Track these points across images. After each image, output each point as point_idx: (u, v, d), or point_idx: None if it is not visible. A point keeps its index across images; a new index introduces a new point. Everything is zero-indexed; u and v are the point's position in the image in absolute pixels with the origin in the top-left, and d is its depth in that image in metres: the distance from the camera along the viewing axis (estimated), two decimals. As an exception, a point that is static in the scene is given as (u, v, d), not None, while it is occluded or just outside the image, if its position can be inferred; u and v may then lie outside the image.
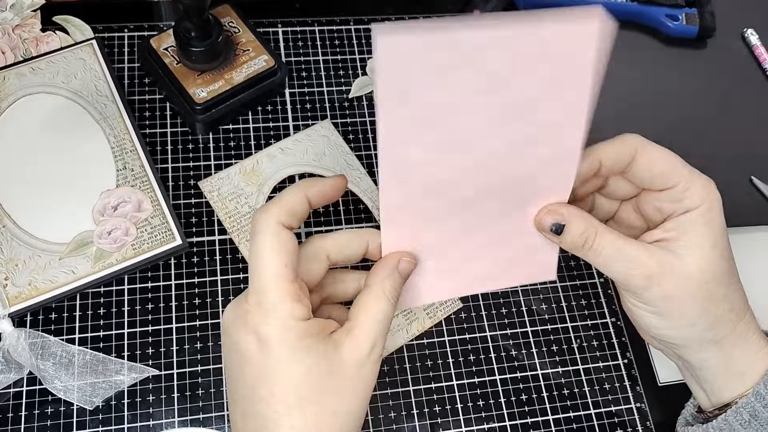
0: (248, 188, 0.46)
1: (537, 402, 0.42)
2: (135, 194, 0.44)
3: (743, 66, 0.59)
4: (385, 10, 0.55)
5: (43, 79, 0.46)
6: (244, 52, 0.47)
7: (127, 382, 0.39)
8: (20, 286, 0.40)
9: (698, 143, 0.54)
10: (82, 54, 0.48)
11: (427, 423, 0.41)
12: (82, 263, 0.41)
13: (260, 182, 0.46)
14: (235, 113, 0.48)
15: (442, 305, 0.44)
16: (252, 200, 0.45)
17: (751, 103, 0.56)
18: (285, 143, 0.48)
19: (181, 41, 0.44)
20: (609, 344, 0.45)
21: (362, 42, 0.53)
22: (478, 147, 0.30)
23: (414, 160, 0.29)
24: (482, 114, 0.29)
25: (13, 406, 0.39)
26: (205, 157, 0.47)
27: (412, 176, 0.30)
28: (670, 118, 0.55)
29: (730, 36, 0.60)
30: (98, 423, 0.39)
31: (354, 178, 0.47)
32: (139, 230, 0.43)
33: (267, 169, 0.46)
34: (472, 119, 0.29)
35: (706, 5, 0.58)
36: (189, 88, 0.45)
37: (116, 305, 0.42)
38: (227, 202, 0.45)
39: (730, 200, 0.52)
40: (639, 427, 0.43)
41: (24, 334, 0.39)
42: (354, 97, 0.51)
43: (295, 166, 0.47)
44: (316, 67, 0.52)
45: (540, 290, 0.46)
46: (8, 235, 0.42)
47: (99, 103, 0.46)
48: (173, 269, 0.43)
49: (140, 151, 0.45)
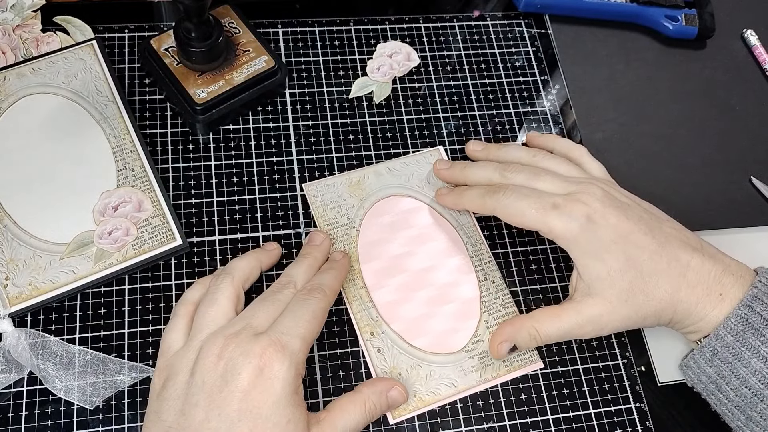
0: (350, 200, 0.46)
1: (537, 402, 0.42)
2: (135, 194, 0.44)
3: (743, 66, 0.59)
4: (385, 10, 0.55)
5: (44, 79, 0.46)
6: (245, 53, 0.47)
7: (127, 381, 0.39)
8: (20, 286, 0.40)
9: (698, 143, 0.54)
10: (83, 54, 0.48)
11: (427, 423, 0.41)
12: (83, 263, 0.41)
13: (363, 196, 0.46)
14: (236, 113, 0.48)
15: (520, 356, 0.43)
16: (352, 213, 0.46)
17: (751, 104, 0.57)
18: (393, 164, 0.48)
19: (181, 42, 0.44)
20: (609, 344, 0.45)
21: (362, 42, 0.53)
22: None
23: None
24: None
25: (14, 406, 0.39)
26: (205, 157, 0.47)
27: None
28: (670, 118, 0.55)
29: (729, 37, 0.60)
30: (98, 423, 0.39)
31: (453, 211, 0.47)
32: (139, 230, 0.43)
33: (372, 185, 0.47)
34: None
35: (706, 6, 0.58)
36: (189, 88, 0.45)
37: (116, 305, 0.42)
38: (329, 209, 0.46)
39: (730, 200, 0.52)
40: (639, 427, 0.43)
41: (24, 334, 0.39)
42: (354, 98, 0.51)
43: (397, 188, 0.47)
44: (316, 68, 0.52)
45: (540, 290, 0.46)
46: (9, 235, 0.42)
47: (99, 104, 0.46)
48: (173, 269, 0.43)
49: (140, 151, 0.45)
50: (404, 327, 0.43)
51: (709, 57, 0.58)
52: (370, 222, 0.46)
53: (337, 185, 0.47)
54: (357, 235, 0.45)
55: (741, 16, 0.61)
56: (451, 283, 0.45)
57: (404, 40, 0.54)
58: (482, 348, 0.43)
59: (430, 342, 0.43)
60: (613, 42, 0.58)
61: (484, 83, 0.53)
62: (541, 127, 0.52)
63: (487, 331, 0.43)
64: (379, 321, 0.43)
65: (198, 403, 0.33)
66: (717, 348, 0.38)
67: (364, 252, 0.45)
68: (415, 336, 0.43)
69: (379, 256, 0.45)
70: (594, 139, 0.53)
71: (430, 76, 0.53)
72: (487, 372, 0.42)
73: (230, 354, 0.34)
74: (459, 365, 0.42)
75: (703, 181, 0.52)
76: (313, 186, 0.47)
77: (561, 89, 0.54)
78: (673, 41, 0.58)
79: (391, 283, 0.44)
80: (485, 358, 0.43)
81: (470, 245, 0.46)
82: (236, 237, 0.45)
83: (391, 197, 0.47)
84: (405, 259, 0.45)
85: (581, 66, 0.56)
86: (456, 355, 0.42)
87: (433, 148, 0.49)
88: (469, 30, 0.56)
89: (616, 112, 0.54)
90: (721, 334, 0.38)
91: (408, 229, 0.46)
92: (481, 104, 0.52)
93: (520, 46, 0.55)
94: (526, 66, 0.55)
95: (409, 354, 0.42)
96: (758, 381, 0.36)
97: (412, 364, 0.42)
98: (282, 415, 0.33)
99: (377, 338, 0.42)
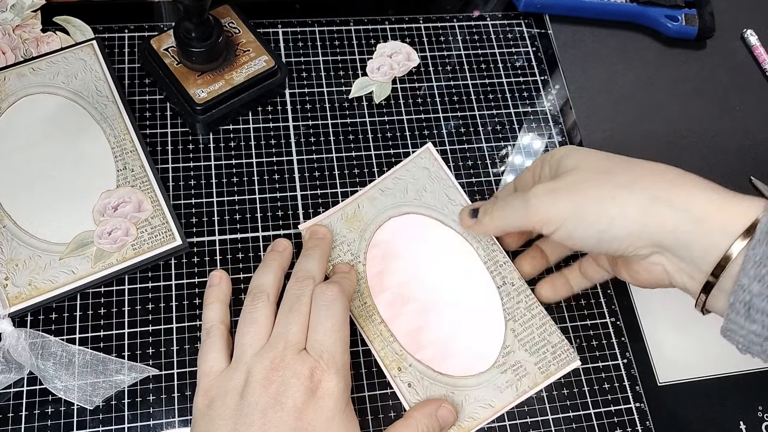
0: (350, 235, 0.44)
1: (537, 402, 0.42)
2: (135, 194, 0.44)
3: (743, 66, 0.59)
4: (385, 10, 0.55)
5: (44, 79, 0.46)
6: (245, 53, 0.47)
7: (127, 381, 0.39)
8: (20, 286, 0.40)
9: (698, 143, 0.54)
10: (83, 54, 0.48)
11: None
12: (82, 263, 0.41)
13: (362, 228, 0.45)
14: (236, 113, 0.48)
15: (555, 359, 0.42)
16: (354, 247, 0.44)
17: (751, 104, 0.57)
18: (385, 183, 0.46)
19: (181, 42, 0.44)
20: (609, 344, 0.45)
21: (362, 42, 0.53)
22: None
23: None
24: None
25: (13, 406, 0.39)
26: (205, 157, 0.47)
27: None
28: (670, 118, 0.55)
29: (729, 37, 0.60)
30: (98, 423, 0.39)
31: (454, 215, 0.45)
32: (139, 230, 0.43)
33: (368, 213, 0.45)
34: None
35: (706, 6, 0.58)
36: (189, 88, 0.45)
37: (116, 305, 0.42)
38: (330, 250, 0.44)
39: (730, 200, 0.52)
40: (639, 427, 0.43)
41: (24, 334, 0.39)
42: (354, 98, 0.51)
43: (395, 207, 0.46)
44: (316, 68, 0.52)
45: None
46: (8, 235, 0.42)
47: (99, 104, 0.46)
48: (173, 269, 0.43)
49: (140, 151, 0.45)
50: (430, 355, 0.41)
51: (709, 57, 0.58)
52: (374, 253, 0.44)
53: (334, 223, 0.45)
54: (365, 270, 0.43)
55: (741, 16, 0.61)
56: (468, 296, 0.43)
57: (404, 40, 0.54)
58: (514, 359, 0.42)
59: (459, 365, 0.41)
60: (613, 42, 0.58)
61: (484, 83, 0.53)
62: (541, 127, 0.52)
63: (516, 340, 0.42)
64: (404, 354, 0.41)
65: (253, 423, 0.34)
66: (747, 300, 0.32)
67: (374, 285, 0.43)
68: (442, 362, 0.41)
69: (390, 286, 0.43)
70: (594, 139, 0.53)
71: (430, 76, 0.53)
72: (523, 384, 0.41)
73: (281, 377, 0.35)
74: (493, 383, 0.41)
75: (703, 181, 0.52)
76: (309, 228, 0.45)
77: (561, 89, 0.54)
78: (673, 41, 0.58)
79: (408, 311, 0.43)
80: (519, 369, 0.42)
81: (482, 249, 0.44)
82: (236, 237, 0.45)
83: (390, 220, 0.45)
84: (416, 281, 0.43)
85: (581, 66, 0.56)
86: (488, 374, 0.41)
87: (423, 148, 0.48)
88: (469, 30, 0.56)
89: (616, 112, 0.54)
90: (744, 284, 0.32)
91: (414, 249, 0.44)
92: (481, 104, 0.52)
93: (520, 46, 0.55)
94: (526, 66, 0.55)
95: (441, 383, 0.41)
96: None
97: (445, 393, 0.41)
98: (336, 430, 0.34)
99: (405, 372, 0.41)
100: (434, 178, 0.47)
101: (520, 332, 0.42)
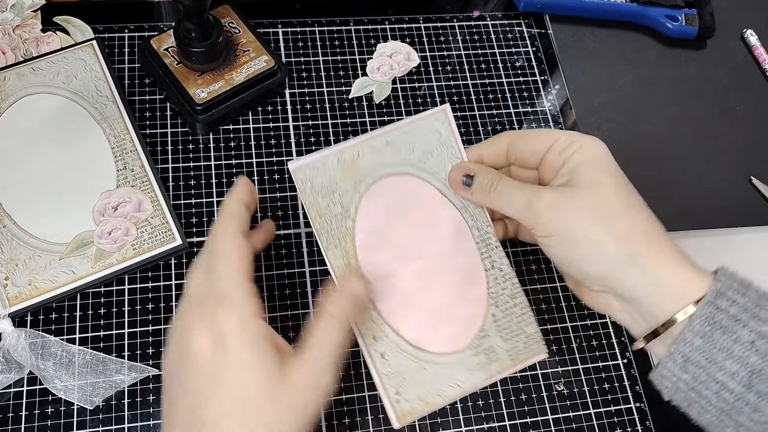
0: (343, 184, 0.40)
1: (537, 402, 0.42)
2: (135, 194, 0.44)
3: (743, 66, 0.59)
4: (385, 10, 0.55)
5: (44, 79, 0.46)
6: (245, 53, 0.47)
7: (127, 381, 0.39)
8: (20, 286, 0.40)
9: (698, 143, 0.54)
10: (83, 54, 0.48)
11: (427, 423, 0.41)
12: (82, 263, 0.41)
13: (358, 178, 0.40)
14: (236, 113, 0.48)
15: (526, 348, 0.41)
16: (346, 199, 0.40)
17: (751, 104, 0.57)
18: (393, 135, 0.41)
19: (181, 42, 0.44)
20: (609, 344, 0.45)
21: (362, 42, 0.53)
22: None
23: None
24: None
25: (13, 406, 0.39)
26: (205, 157, 0.47)
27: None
28: (670, 118, 0.55)
29: (729, 37, 0.60)
30: (98, 423, 0.39)
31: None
32: (139, 230, 0.43)
33: (367, 164, 0.41)
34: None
35: (706, 6, 0.58)
36: (189, 88, 0.45)
37: (116, 305, 0.42)
38: (320, 198, 0.40)
39: (730, 200, 0.52)
40: (639, 427, 0.43)
41: (24, 334, 0.39)
42: (354, 98, 0.51)
43: (396, 165, 0.41)
44: (316, 68, 0.52)
45: (540, 290, 0.46)
46: (8, 235, 0.42)
47: (99, 104, 0.46)
48: (173, 269, 0.43)
49: (140, 151, 0.45)
50: (407, 327, 0.41)
51: (709, 57, 0.58)
52: (366, 210, 0.41)
53: (328, 166, 0.40)
54: (353, 226, 0.41)
55: (741, 16, 0.61)
56: (455, 274, 0.42)
57: (404, 40, 0.54)
58: (488, 343, 0.41)
59: (435, 341, 0.41)
60: (613, 42, 0.58)
61: (484, 83, 0.53)
62: (541, 127, 0.52)
63: (494, 325, 0.41)
64: (381, 323, 0.40)
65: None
66: (687, 352, 0.34)
67: (361, 244, 0.41)
68: (418, 336, 0.41)
69: (376, 250, 0.41)
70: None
71: (430, 76, 0.53)
72: (492, 368, 0.41)
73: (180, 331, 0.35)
74: (464, 364, 0.41)
75: (703, 181, 0.52)
76: (301, 170, 0.40)
77: (561, 89, 0.54)
78: (673, 41, 0.58)
79: (391, 279, 0.41)
80: (491, 354, 0.41)
81: (476, 229, 0.42)
82: (236, 237, 0.45)
83: (389, 177, 0.41)
84: (405, 251, 0.41)
85: (581, 66, 0.56)
86: (461, 354, 0.41)
87: (439, 108, 0.42)
88: (469, 30, 0.56)
89: (616, 112, 0.54)
90: (687, 338, 0.34)
91: (408, 216, 0.41)
92: (481, 104, 0.52)
93: (520, 46, 0.55)
94: (526, 66, 0.55)
95: (414, 357, 0.40)
96: (738, 384, 0.33)
97: (417, 368, 0.40)
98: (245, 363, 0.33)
99: (380, 342, 0.40)
100: (443, 145, 0.42)
101: (500, 318, 0.42)
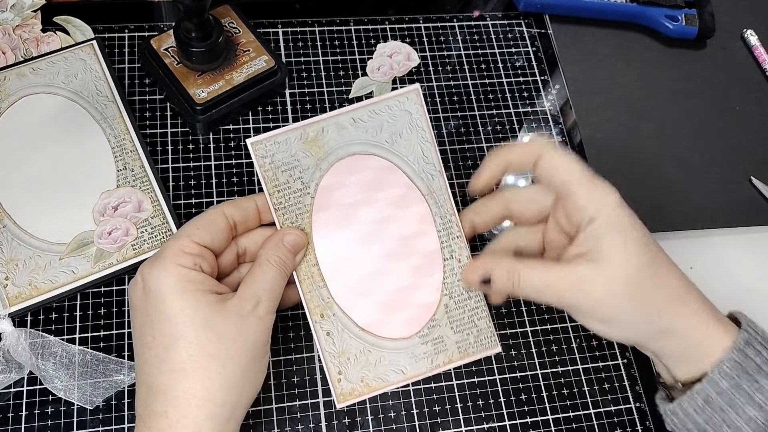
0: (305, 160, 0.39)
1: (537, 402, 0.42)
2: (135, 194, 0.44)
3: (743, 67, 0.59)
4: (385, 10, 0.55)
5: (44, 79, 0.46)
6: (245, 53, 0.47)
7: (127, 381, 0.39)
8: (20, 286, 0.40)
9: (698, 143, 0.54)
10: (83, 54, 0.48)
11: (426, 422, 0.41)
12: (82, 263, 0.41)
13: (320, 156, 0.39)
14: (236, 113, 0.48)
15: (477, 342, 0.41)
16: (306, 176, 0.39)
17: (751, 104, 0.57)
18: (360, 113, 0.40)
19: (181, 42, 0.44)
20: (609, 344, 0.45)
21: (362, 42, 0.53)
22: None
23: None
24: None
25: (13, 406, 0.39)
26: (205, 157, 0.47)
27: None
28: (670, 118, 0.55)
29: (729, 37, 0.60)
30: (98, 423, 0.39)
31: (425, 174, 0.41)
32: (139, 230, 0.43)
33: (331, 141, 0.40)
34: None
35: (706, 6, 0.58)
36: (189, 88, 0.45)
37: (116, 305, 0.42)
38: (279, 173, 0.39)
39: (730, 200, 0.52)
40: (639, 427, 0.43)
41: (24, 334, 0.39)
42: (354, 98, 0.51)
43: (363, 144, 0.40)
44: (316, 68, 0.52)
45: (540, 290, 0.46)
46: (8, 235, 0.42)
47: (99, 104, 0.46)
48: (173, 269, 0.43)
49: (140, 151, 0.45)
50: (357, 309, 0.40)
51: (709, 57, 0.58)
52: (326, 188, 0.40)
53: (290, 142, 0.39)
54: (311, 203, 0.40)
55: (741, 16, 0.61)
56: (411, 260, 0.41)
57: (404, 40, 0.54)
58: (438, 333, 0.41)
59: (384, 326, 0.40)
60: (613, 42, 0.58)
61: (484, 83, 0.53)
62: (541, 127, 0.52)
63: (445, 316, 0.41)
64: (331, 303, 0.40)
65: None
66: (711, 395, 0.35)
67: (317, 222, 0.40)
68: (367, 319, 0.40)
69: (334, 228, 0.40)
70: (594, 139, 0.52)
71: (430, 76, 0.53)
72: (438, 358, 0.41)
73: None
74: (411, 351, 0.40)
75: (703, 181, 0.52)
76: (261, 144, 0.39)
77: (561, 89, 0.54)
78: (673, 41, 0.58)
79: (346, 260, 0.40)
80: (439, 344, 0.41)
81: (439, 217, 0.41)
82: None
83: (354, 156, 0.40)
84: (362, 231, 0.40)
85: (581, 66, 0.56)
86: (409, 341, 0.40)
87: (411, 87, 0.41)
88: (469, 30, 0.56)
89: (616, 112, 0.54)
90: (715, 379, 0.35)
91: (371, 197, 0.40)
92: (481, 104, 0.52)
93: (520, 46, 0.55)
94: (526, 66, 0.55)
95: (360, 339, 0.40)
96: (752, 430, 0.34)
97: (362, 349, 0.40)
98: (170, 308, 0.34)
99: (327, 321, 0.40)
100: (413, 127, 0.41)
101: (452, 309, 0.41)
